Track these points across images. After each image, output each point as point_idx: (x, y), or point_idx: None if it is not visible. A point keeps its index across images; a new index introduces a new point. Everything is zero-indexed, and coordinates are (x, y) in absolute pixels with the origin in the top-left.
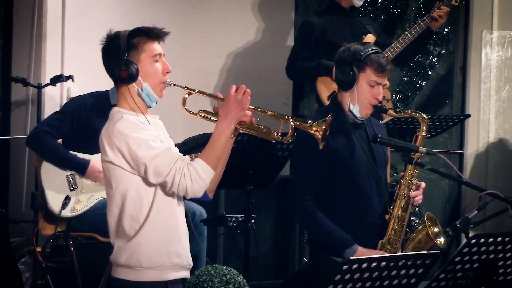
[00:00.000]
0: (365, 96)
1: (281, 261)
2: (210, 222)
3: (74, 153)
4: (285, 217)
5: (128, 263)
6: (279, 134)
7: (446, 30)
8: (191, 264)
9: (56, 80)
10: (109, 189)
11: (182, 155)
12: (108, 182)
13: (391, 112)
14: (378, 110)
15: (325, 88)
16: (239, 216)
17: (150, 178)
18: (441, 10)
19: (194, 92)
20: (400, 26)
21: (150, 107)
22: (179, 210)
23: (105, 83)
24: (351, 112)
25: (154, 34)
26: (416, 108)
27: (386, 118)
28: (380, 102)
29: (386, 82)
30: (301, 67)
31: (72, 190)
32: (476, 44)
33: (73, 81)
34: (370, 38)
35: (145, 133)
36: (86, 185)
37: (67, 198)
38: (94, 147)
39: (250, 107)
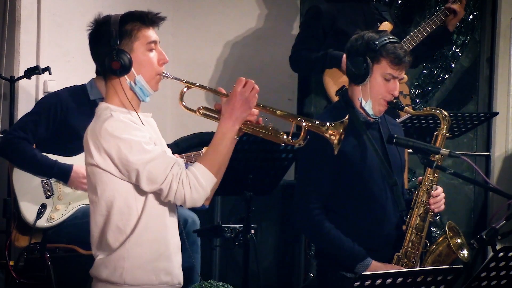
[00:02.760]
0: (379, 91)
1: (285, 276)
2: (205, 233)
3: (54, 157)
4: (289, 228)
5: (110, 279)
6: (290, 137)
7: (471, 16)
8: (182, 283)
9: (31, 72)
10: (93, 196)
11: (179, 159)
12: (92, 188)
13: (408, 109)
14: (393, 107)
15: (333, 81)
16: (237, 226)
17: (143, 185)
18: (453, 6)
19: (193, 86)
20: (420, 13)
21: (142, 101)
22: (171, 222)
23: (86, 76)
24: (363, 109)
25: (149, 20)
26: (437, 104)
27: (403, 116)
28: (396, 98)
29: (404, 75)
30: (306, 58)
31: (48, 197)
32: (505, 33)
33: (50, 74)
34: (386, 26)
35: (138, 134)
36: (64, 191)
37: (43, 206)
38: (73, 149)
39: (258, 105)
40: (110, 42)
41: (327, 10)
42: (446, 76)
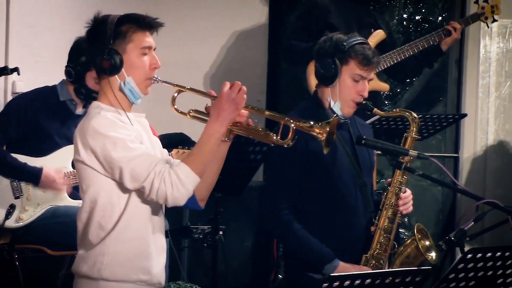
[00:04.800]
0: (348, 92)
1: (253, 278)
2: (173, 234)
3: (24, 159)
4: (257, 228)
5: (89, 274)
6: (279, 137)
7: (440, 18)
8: (162, 283)
9: (0, 72)
10: (81, 193)
11: (168, 158)
12: (80, 185)
13: (377, 110)
14: (362, 108)
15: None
16: (205, 227)
17: (126, 182)
18: (455, 24)
19: (184, 90)
20: (389, 13)
21: (133, 103)
22: (156, 222)
23: (56, 76)
24: (332, 110)
25: (146, 24)
26: (405, 106)
27: (372, 118)
28: (365, 99)
29: (372, 76)
30: (295, 47)
31: (17, 197)
32: (473, 35)
33: (18, 74)
34: (379, 34)
35: (123, 132)
36: (33, 192)
37: (11, 207)
38: (45, 149)
39: (246, 106)
40: (104, 41)
41: (323, 3)
42: (415, 78)
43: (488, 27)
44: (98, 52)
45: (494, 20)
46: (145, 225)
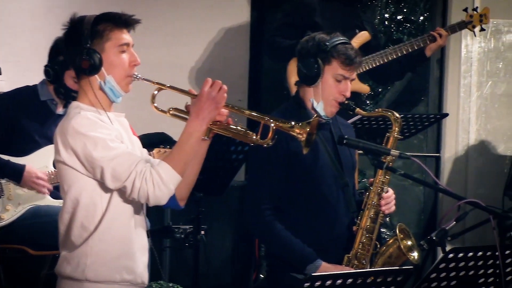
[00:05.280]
0: (330, 92)
1: (235, 278)
2: (155, 234)
3: (6, 158)
4: (240, 229)
5: (73, 275)
6: (259, 137)
7: (422, 18)
8: (146, 283)
9: None
10: (62, 193)
11: (147, 158)
12: (61, 186)
13: (359, 110)
14: (345, 108)
15: (296, 71)
16: (187, 227)
17: (107, 182)
18: (441, 31)
19: (165, 88)
20: (370, 13)
21: (113, 102)
22: (138, 221)
23: (37, 76)
24: (315, 110)
25: (122, 21)
26: (387, 106)
27: (354, 117)
28: (347, 99)
29: (355, 76)
30: (279, 44)
31: None
32: (455, 34)
33: (0, 74)
34: (363, 35)
35: (104, 132)
36: (15, 192)
37: None
38: (26, 149)
39: (226, 105)
40: (82, 42)
41: (309, 2)
42: (397, 81)
43: (475, 35)
44: (76, 52)
45: (482, 29)
46: (127, 224)
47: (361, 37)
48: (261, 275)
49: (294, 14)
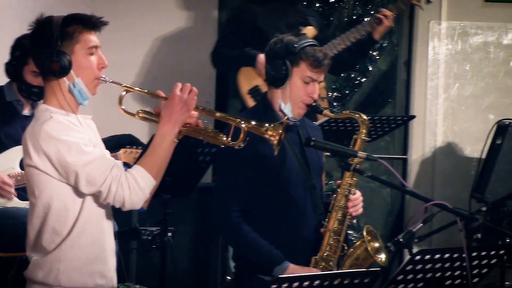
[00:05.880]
0: (298, 94)
1: (202, 279)
2: (122, 236)
3: None
4: (207, 230)
5: (46, 281)
6: (229, 139)
7: None
8: (116, 286)
9: None
10: (32, 198)
11: (117, 161)
12: (30, 190)
13: (326, 112)
14: (313, 110)
15: (247, 81)
16: (154, 229)
17: (81, 187)
18: (385, 12)
19: (132, 90)
20: (337, 15)
21: (80, 104)
22: (108, 226)
23: (2, 77)
24: (282, 112)
25: (92, 23)
26: (354, 107)
27: (321, 119)
28: (315, 101)
29: (322, 78)
30: (225, 55)
31: None
32: (422, 36)
33: None
34: (309, 31)
35: (77, 136)
36: None
37: None
38: None
39: (197, 107)
40: (51, 43)
41: (249, 8)
42: (364, 79)
43: (422, 10)
44: (46, 54)
45: (428, 1)
46: (100, 228)
47: (308, 33)
48: (228, 277)
49: (236, 22)
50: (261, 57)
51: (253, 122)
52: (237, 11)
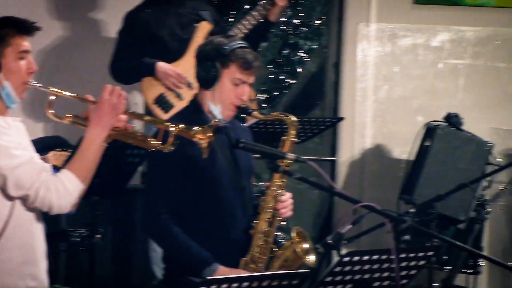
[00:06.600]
0: (228, 96)
1: (132, 280)
2: (50, 237)
3: None
4: (136, 232)
5: None
6: (159, 142)
7: (317, 22)
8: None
9: None
10: None
11: (45, 165)
12: None
13: (256, 114)
14: (242, 112)
15: (150, 91)
16: (83, 230)
17: (9, 190)
18: None
19: (61, 94)
20: (236, 7)
21: (8, 108)
22: (38, 228)
23: None
24: (212, 113)
25: (25, 28)
26: (283, 109)
27: (251, 121)
28: (245, 102)
29: (252, 80)
30: (123, 67)
31: None
32: (351, 38)
33: None
34: (204, 27)
35: (5, 139)
36: None
37: None
38: None
39: (126, 111)
40: None
41: (141, 16)
42: (293, 81)
43: None
44: None
45: None
46: (30, 231)
47: (203, 29)
48: (157, 278)
49: (129, 33)
50: (160, 65)
51: (182, 126)
52: (128, 21)
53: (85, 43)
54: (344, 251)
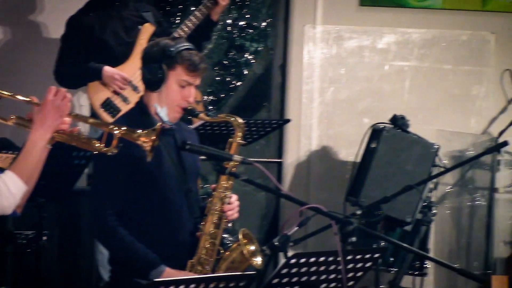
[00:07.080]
0: (174, 98)
1: (78, 283)
2: None
3: None
4: (83, 234)
5: None
6: (103, 145)
7: (264, 24)
8: None
9: None
10: None
11: None
12: None
13: (202, 115)
14: (188, 114)
15: (96, 95)
16: (29, 232)
17: None
18: None
19: (4, 96)
20: (183, 9)
21: None
22: None
23: None
24: (158, 115)
25: None
26: (230, 111)
27: (197, 123)
28: (191, 104)
29: (199, 82)
30: (69, 72)
31: None
32: (297, 40)
33: None
34: (148, 28)
35: None
36: None
37: None
38: None
39: (70, 113)
40: None
41: (85, 21)
42: (239, 83)
43: None
44: None
45: None
46: None
47: (146, 31)
48: (104, 280)
49: (73, 37)
50: (106, 69)
51: (125, 128)
52: (71, 26)
53: (26, 45)
54: (290, 253)
